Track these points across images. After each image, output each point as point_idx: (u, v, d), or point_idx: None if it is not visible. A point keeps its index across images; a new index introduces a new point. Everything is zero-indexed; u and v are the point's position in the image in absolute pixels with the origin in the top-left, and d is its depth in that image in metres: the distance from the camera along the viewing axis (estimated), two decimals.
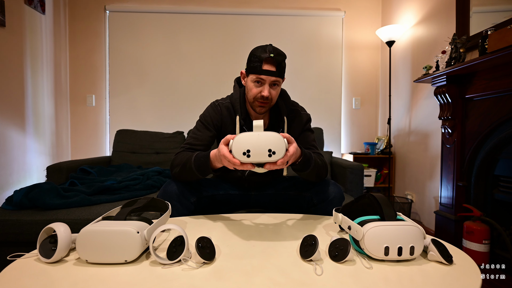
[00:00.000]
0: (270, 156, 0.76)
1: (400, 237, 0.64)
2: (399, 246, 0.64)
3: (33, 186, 1.38)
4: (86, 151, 2.78)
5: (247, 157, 0.76)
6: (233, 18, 2.79)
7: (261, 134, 0.77)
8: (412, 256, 0.65)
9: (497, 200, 1.58)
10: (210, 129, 1.12)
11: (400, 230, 0.64)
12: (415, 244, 0.64)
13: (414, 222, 0.68)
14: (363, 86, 2.93)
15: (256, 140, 0.76)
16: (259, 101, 1.03)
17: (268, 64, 0.99)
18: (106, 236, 0.62)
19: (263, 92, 1.01)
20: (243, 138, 0.77)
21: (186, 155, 1.03)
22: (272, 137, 0.76)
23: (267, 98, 1.02)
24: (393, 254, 0.64)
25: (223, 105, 1.14)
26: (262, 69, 0.99)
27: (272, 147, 0.76)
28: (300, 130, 1.16)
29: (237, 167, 0.81)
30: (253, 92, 1.03)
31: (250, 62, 1.02)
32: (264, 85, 1.01)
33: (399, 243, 0.64)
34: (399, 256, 0.64)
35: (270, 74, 0.99)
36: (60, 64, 2.63)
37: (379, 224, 0.65)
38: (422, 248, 0.66)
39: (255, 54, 1.00)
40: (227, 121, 1.13)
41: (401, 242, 0.64)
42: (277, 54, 0.99)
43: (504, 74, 1.44)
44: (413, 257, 0.65)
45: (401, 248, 0.64)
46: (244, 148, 0.76)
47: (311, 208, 1.12)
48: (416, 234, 0.65)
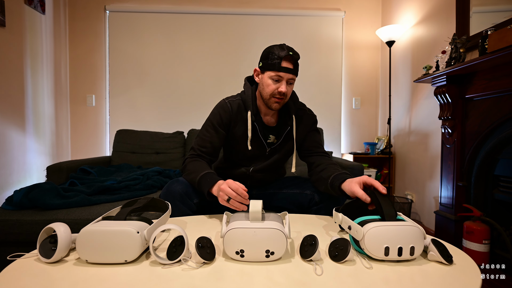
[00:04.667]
0: (268, 257, 0.65)
1: (401, 238, 0.64)
2: (399, 246, 0.63)
3: (33, 186, 1.38)
4: (86, 151, 2.78)
5: (240, 257, 0.65)
6: (233, 18, 2.79)
7: (258, 232, 0.65)
8: (412, 256, 0.64)
9: (497, 200, 1.58)
10: (218, 130, 1.13)
11: (400, 231, 0.64)
12: (415, 245, 0.64)
13: (415, 222, 0.68)
14: (363, 86, 2.93)
15: (251, 239, 0.64)
16: (276, 97, 1.07)
17: (287, 61, 1.04)
18: (106, 236, 0.62)
19: (280, 88, 1.05)
20: (236, 235, 0.65)
21: (194, 167, 1.07)
22: (272, 234, 0.64)
23: (284, 94, 1.06)
24: (393, 254, 0.64)
25: (233, 102, 1.15)
26: (281, 66, 1.03)
27: (271, 246, 0.64)
28: (307, 129, 1.20)
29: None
30: (271, 89, 1.06)
31: (268, 59, 1.05)
32: (282, 82, 1.05)
33: (399, 244, 0.64)
34: (399, 256, 0.64)
35: (289, 72, 1.04)
36: (60, 64, 2.63)
37: (379, 224, 0.65)
38: (422, 249, 0.66)
39: (273, 51, 1.04)
40: (237, 117, 1.14)
41: (401, 242, 0.64)
42: (295, 53, 1.05)
43: (504, 74, 1.44)
44: (413, 257, 0.65)
45: (401, 248, 0.64)
46: (237, 247, 0.65)
47: (312, 207, 1.12)
48: (416, 234, 0.65)
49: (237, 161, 1.21)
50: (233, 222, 0.68)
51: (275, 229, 0.65)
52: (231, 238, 0.65)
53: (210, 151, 1.14)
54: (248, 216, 0.71)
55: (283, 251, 0.66)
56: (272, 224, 0.66)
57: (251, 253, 0.65)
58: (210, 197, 1.01)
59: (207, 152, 1.13)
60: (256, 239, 0.64)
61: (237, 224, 0.66)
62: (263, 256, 0.65)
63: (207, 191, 0.99)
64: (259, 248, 0.65)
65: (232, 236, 0.65)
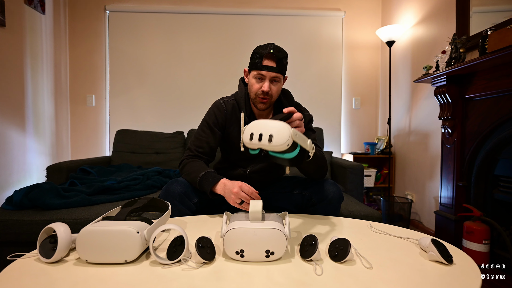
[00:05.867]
0: (268, 257, 0.65)
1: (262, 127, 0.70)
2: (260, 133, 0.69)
3: (33, 186, 1.38)
4: (86, 151, 2.78)
5: (240, 257, 0.65)
6: (233, 18, 2.79)
7: (258, 232, 0.65)
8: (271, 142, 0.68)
9: (497, 200, 1.58)
10: (214, 130, 1.14)
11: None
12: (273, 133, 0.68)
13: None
14: (363, 86, 2.93)
15: (251, 239, 0.64)
16: (260, 97, 1.06)
17: (268, 59, 1.02)
18: (106, 236, 0.62)
19: (263, 87, 1.03)
20: (236, 235, 0.65)
21: (193, 167, 1.06)
22: (272, 234, 0.65)
23: (267, 93, 1.04)
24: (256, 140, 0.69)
25: (228, 103, 1.15)
26: (263, 65, 1.02)
27: (271, 246, 0.64)
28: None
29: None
30: (255, 88, 1.06)
31: (252, 59, 1.05)
32: (265, 81, 1.04)
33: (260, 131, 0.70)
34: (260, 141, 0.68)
35: (270, 70, 1.02)
36: (60, 64, 2.63)
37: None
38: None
39: (256, 50, 1.04)
40: (232, 118, 1.14)
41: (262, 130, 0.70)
42: (278, 50, 1.02)
43: (504, 74, 1.44)
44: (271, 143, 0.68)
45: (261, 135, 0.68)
46: (237, 247, 0.65)
47: (310, 208, 1.12)
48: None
49: (234, 162, 1.21)
50: (233, 222, 0.68)
51: (275, 229, 0.65)
52: (231, 238, 0.65)
53: (207, 151, 1.14)
54: (248, 216, 0.71)
55: (283, 251, 0.66)
56: (272, 224, 0.66)
57: (251, 253, 0.65)
58: (212, 195, 1.01)
59: (204, 153, 1.13)
60: (256, 239, 0.64)
61: (237, 224, 0.66)
62: (263, 256, 0.65)
63: (209, 190, 0.99)
64: (259, 248, 0.65)
65: (232, 236, 0.65)
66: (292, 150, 0.72)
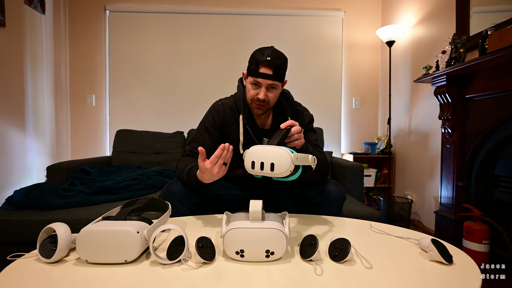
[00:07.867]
0: (268, 257, 0.65)
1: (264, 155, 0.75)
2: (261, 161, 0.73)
3: (33, 186, 1.38)
4: (86, 151, 2.78)
5: (240, 257, 0.65)
6: (233, 18, 2.79)
7: (258, 232, 0.65)
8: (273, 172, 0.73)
9: (497, 200, 1.58)
10: (211, 133, 1.13)
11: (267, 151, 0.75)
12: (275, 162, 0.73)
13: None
14: (363, 86, 2.93)
15: (251, 239, 0.64)
16: (255, 103, 1.05)
17: (265, 67, 0.99)
18: (106, 236, 0.62)
19: (259, 95, 1.02)
20: (236, 235, 0.65)
21: (181, 165, 1.06)
22: (272, 234, 0.64)
23: (263, 100, 1.03)
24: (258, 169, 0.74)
25: (226, 105, 1.15)
26: (259, 72, 0.99)
27: (271, 246, 0.64)
28: (304, 129, 1.17)
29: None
30: (251, 94, 1.05)
31: (249, 63, 1.03)
32: (261, 88, 1.02)
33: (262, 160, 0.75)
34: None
35: (266, 78, 0.99)
36: (60, 64, 2.63)
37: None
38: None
39: (254, 56, 1.01)
40: (230, 120, 1.14)
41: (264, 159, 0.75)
42: (275, 57, 0.99)
43: (504, 74, 1.44)
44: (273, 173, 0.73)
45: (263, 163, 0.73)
46: (237, 247, 0.65)
47: (312, 207, 1.12)
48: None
49: (234, 163, 1.21)
50: (233, 222, 0.68)
51: (275, 229, 0.65)
52: (231, 238, 0.65)
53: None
54: (248, 216, 0.71)
55: (283, 251, 0.66)
56: (272, 224, 0.66)
57: (251, 253, 0.65)
58: (201, 186, 0.98)
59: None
60: (256, 239, 0.64)
61: (237, 224, 0.66)
62: (263, 256, 0.65)
63: (195, 181, 0.96)
64: (259, 248, 0.64)
65: (232, 236, 0.65)
66: (295, 172, 0.74)
